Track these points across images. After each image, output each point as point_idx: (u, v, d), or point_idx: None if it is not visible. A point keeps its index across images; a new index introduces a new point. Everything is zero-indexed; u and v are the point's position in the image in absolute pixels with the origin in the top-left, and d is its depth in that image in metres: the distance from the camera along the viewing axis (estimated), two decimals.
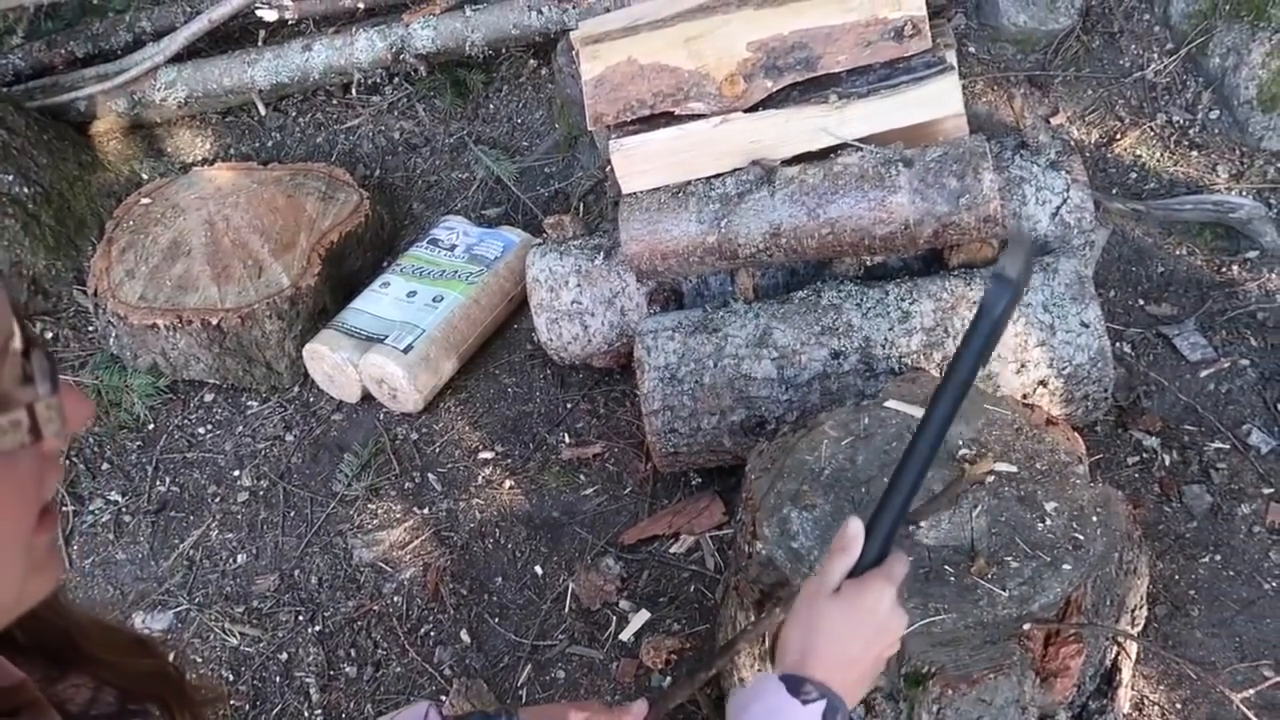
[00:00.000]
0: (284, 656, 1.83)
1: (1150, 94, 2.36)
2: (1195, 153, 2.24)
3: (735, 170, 1.81)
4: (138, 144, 2.99)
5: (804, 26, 1.76)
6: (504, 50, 2.85)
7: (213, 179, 2.65)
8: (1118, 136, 2.31)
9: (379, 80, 2.95)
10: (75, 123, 2.93)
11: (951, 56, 1.77)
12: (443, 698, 1.71)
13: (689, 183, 1.83)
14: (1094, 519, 1.32)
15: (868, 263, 1.87)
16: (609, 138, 1.86)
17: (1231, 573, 1.63)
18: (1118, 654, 1.38)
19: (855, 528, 0.88)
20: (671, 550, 1.85)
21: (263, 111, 2.98)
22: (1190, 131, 2.27)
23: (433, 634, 1.82)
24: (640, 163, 1.84)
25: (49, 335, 2.50)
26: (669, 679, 1.65)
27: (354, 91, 2.95)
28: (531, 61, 2.91)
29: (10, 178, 2.54)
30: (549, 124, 2.78)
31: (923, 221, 1.69)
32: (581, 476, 2.01)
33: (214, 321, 2.25)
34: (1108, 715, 1.38)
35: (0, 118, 2.58)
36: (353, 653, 1.81)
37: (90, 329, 2.52)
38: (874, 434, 1.48)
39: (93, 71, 2.93)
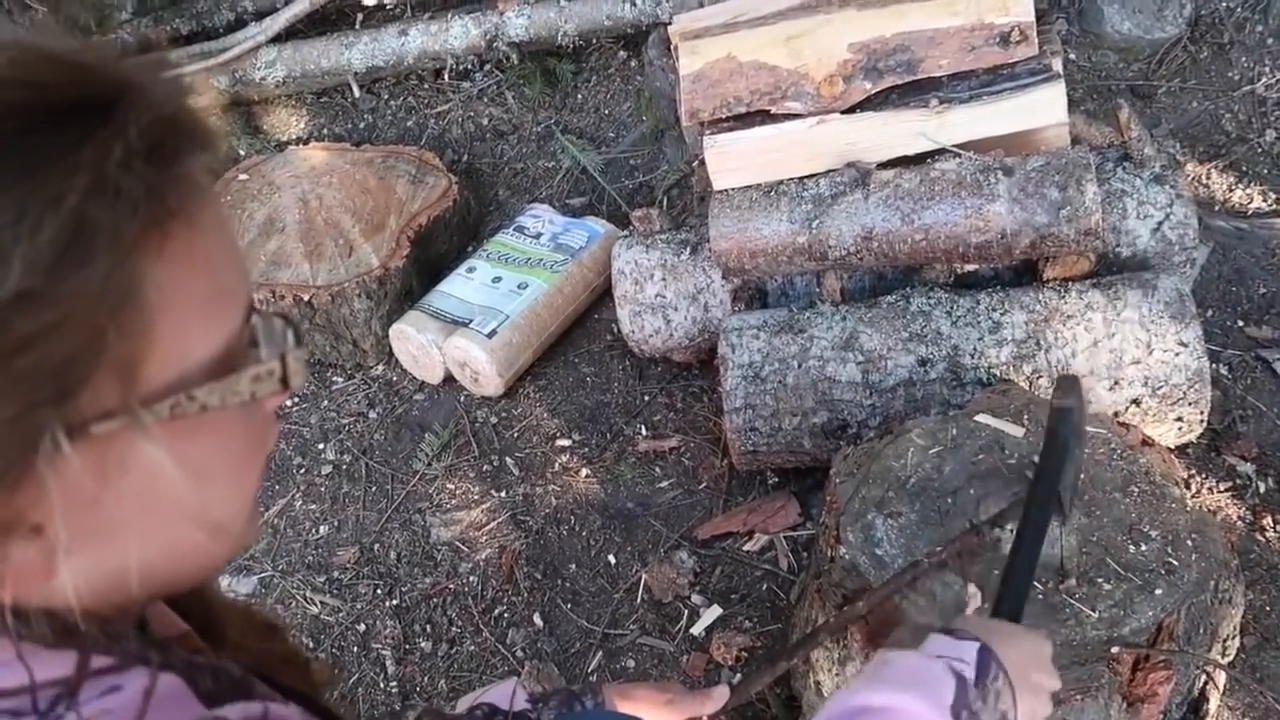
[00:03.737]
0: (362, 628, 1.88)
1: (1259, 109, 2.28)
2: None
3: (830, 171, 1.80)
4: (236, 120, 3.08)
5: (907, 29, 1.74)
6: (594, 41, 2.87)
7: (307, 158, 2.72)
8: (1223, 152, 2.24)
9: (470, 67, 2.99)
10: None
11: (1058, 64, 1.74)
12: (514, 679, 1.74)
13: (781, 182, 1.83)
14: (1189, 543, 1.29)
15: (958, 270, 1.85)
16: (703, 134, 1.87)
17: None
18: (1206, 683, 1.35)
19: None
20: (745, 548, 1.85)
21: (357, 94, 3.04)
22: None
23: (506, 615, 1.85)
24: (733, 160, 1.84)
25: None
26: (738, 676, 1.66)
27: (445, 77, 3.00)
28: (621, 53, 2.92)
29: None
30: (636, 116, 2.80)
31: (1020, 232, 1.67)
32: (657, 469, 2.03)
33: (305, 298, 2.31)
34: None
35: None
36: (428, 628, 1.86)
37: None
38: (962, 445, 1.47)
39: (196, 49, 3.03)
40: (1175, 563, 1.27)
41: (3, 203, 0.42)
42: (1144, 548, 1.29)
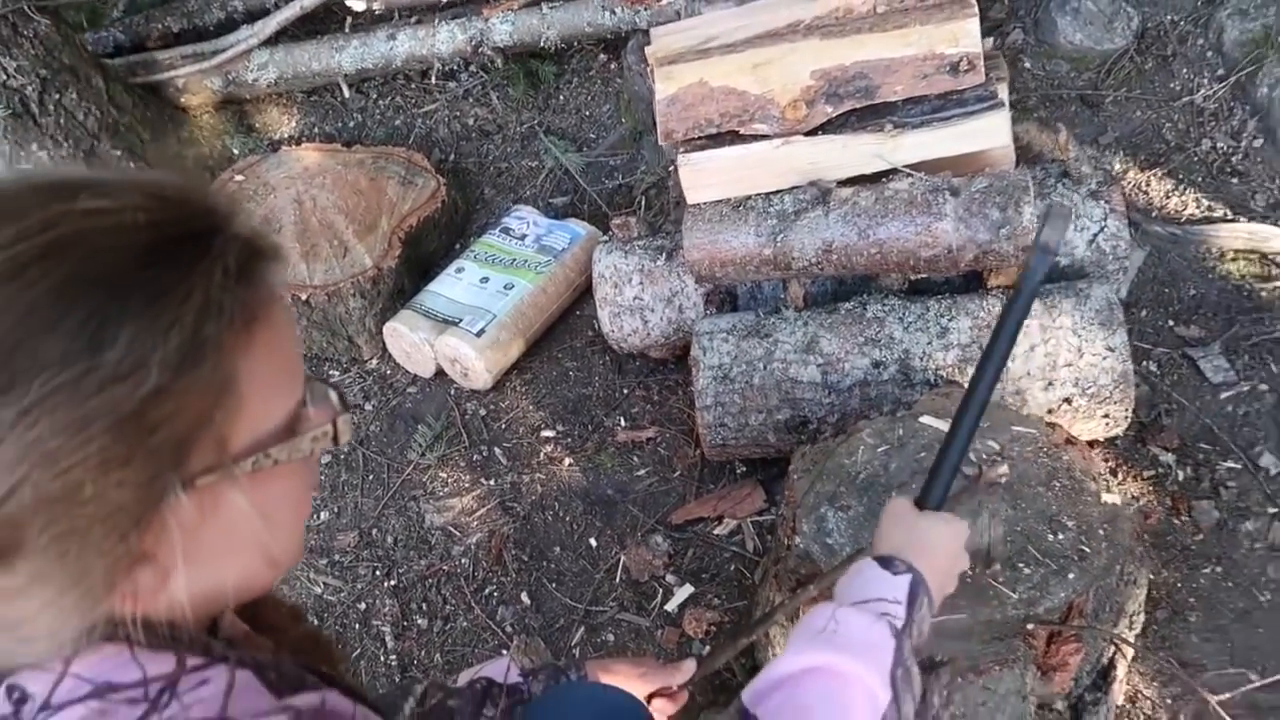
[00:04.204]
0: (362, 606, 2.04)
1: (1197, 119, 2.45)
2: (1235, 180, 2.34)
3: (793, 189, 1.95)
4: (229, 119, 3.19)
5: (865, 58, 1.88)
6: (576, 44, 2.99)
7: (300, 159, 2.84)
8: (1162, 160, 2.41)
9: (455, 67, 3.11)
10: (170, 99, 3.13)
11: (1003, 91, 1.89)
12: (504, 652, 1.91)
13: (749, 198, 1.98)
14: (1101, 533, 1.47)
15: (911, 278, 2.01)
16: (678, 152, 2.01)
17: (1230, 584, 1.77)
18: (1114, 654, 1.54)
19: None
20: (715, 532, 2.02)
21: (346, 94, 3.16)
22: (1233, 159, 2.36)
23: (496, 594, 2.02)
24: (705, 177, 1.99)
25: None
26: (708, 648, 1.84)
27: (432, 78, 3.12)
28: (602, 56, 3.05)
29: (119, 153, 2.75)
30: (616, 118, 2.93)
31: (964, 247, 1.83)
32: (635, 458, 2.19)
33: (303, 297, 2.45)
34: (1101, 707, 1.54)
35: (111, 96, 2.78)
36: (424, 606, 2.02)
37: None
38: (907, 443, 1.64)
39: (189, 50, 3.13)
40: (1087, 550, 1.45)
41: (139, 325, 0.57)
42: (1060, 536, 1.47)
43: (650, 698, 1.21)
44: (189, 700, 0.61)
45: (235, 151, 3.09)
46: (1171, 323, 2.18)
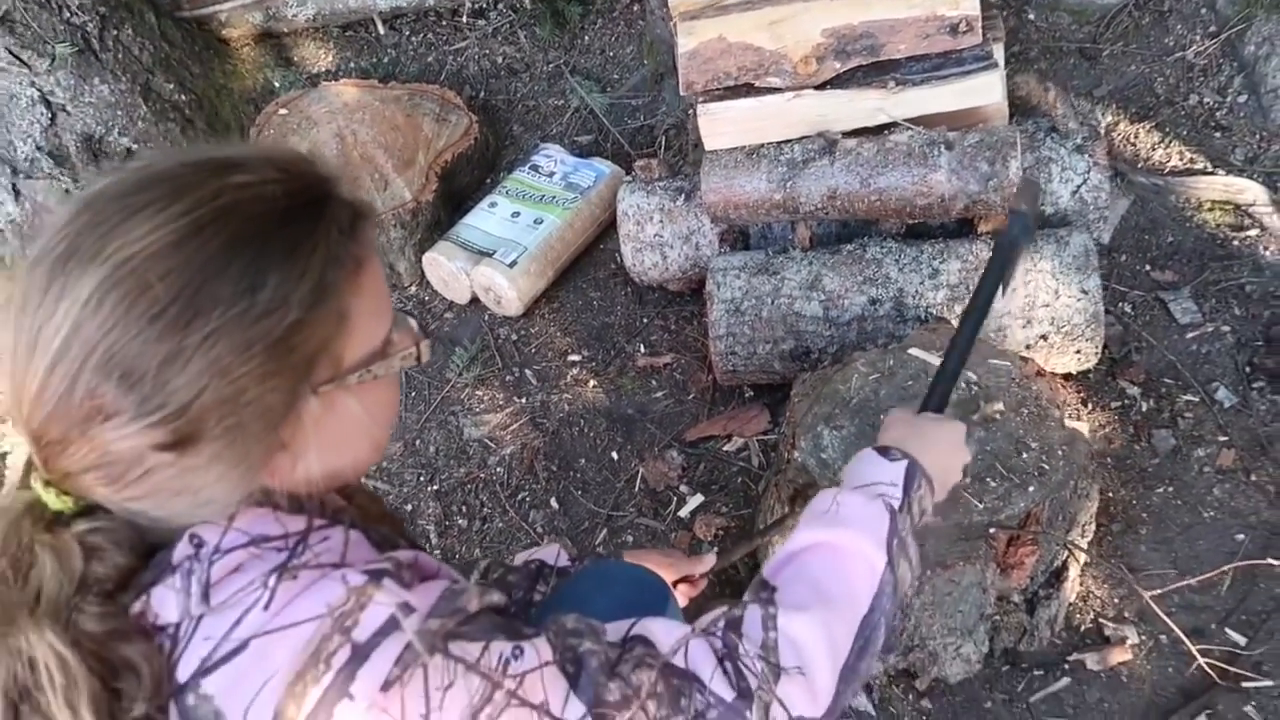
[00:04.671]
0: (409, 507, 2.30)
1: (1187, 74, 2.59)
2: (1219, 134, 2.50)
3: (803, 139, 2.13)
4: (268, 52, 3.34)
5: (872, 18, 2.04)
6: None
7: (340, 94, 3.01)
8: (1151, 113, 2.57)
9: (485, 5, 3.25)
10: (213, 31, 3.29)
11: (998, 51, 2.05)
12: (558, 543, 2.17)
13: (762, 146, 2.16)
14: (1060, 453, 1.70)
15: (908, 223, 2.20)
16: (698, 101, 2.19)
17: (1179, 502, 2.00)
18: (1067, 557, 1.78)
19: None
20: (724, 448, 2.26)
21: (381, 30, 3.31)
22: (1218, 114, 2.52)
23: (527, 500, 2.27)
24: (722, 126, 2.17)
25: None
26: (716, 549, 2.09)
27: (463, 16, 3.26)
28: None
29: (171, 86, 2.93)
30: (638, 60, 3.08)
31: (956, 197, 2.02)
32: (653, 382, 2.42)
33: None
34: (1053, 602, 1.79)
35: (163, 32, 2.95)
36: (464, 509, 2.28)
37: None
38: (896, 373, 1.85)
39: None
40: (1047, 468, 1.68)
41: (282, 273, 0.78)
42: (1024, 456, 1.69)
43: (676, 584, 1.45)
44: (318, 549, 0.82)
45: (276, 85, 3.26)
46: (1148, 267, 2.37)
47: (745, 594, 1.01)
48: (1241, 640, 1.80)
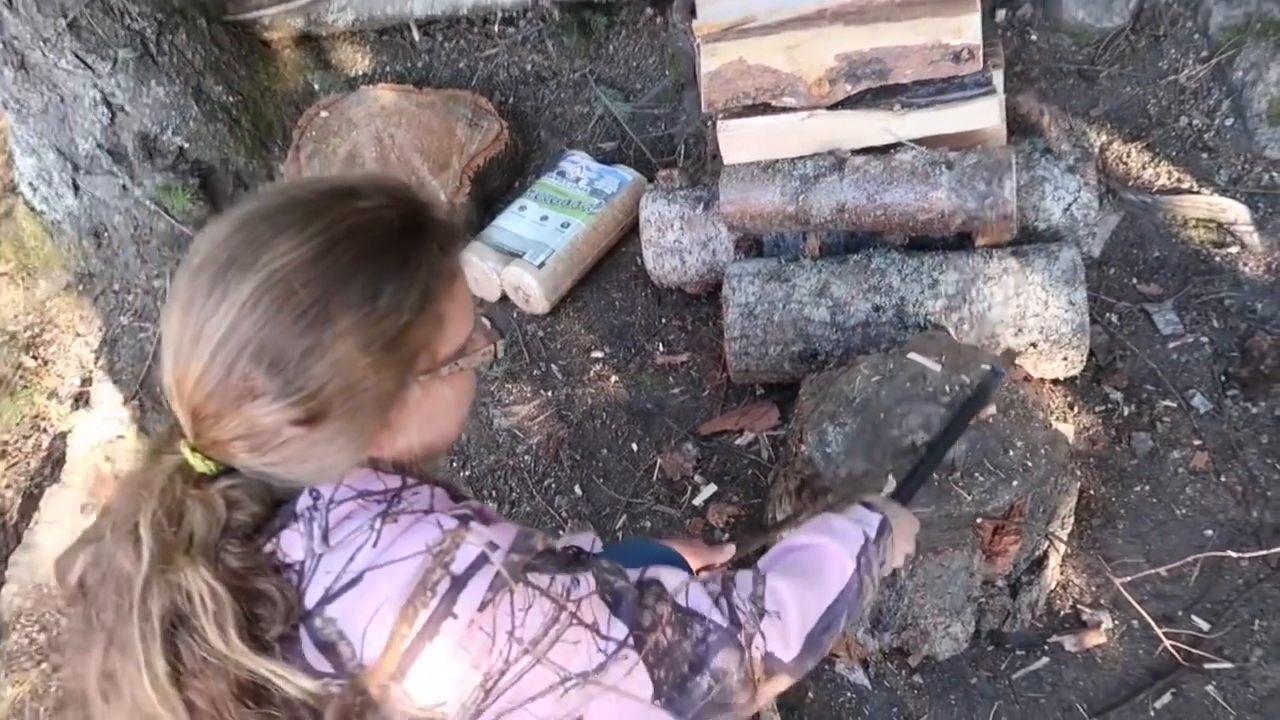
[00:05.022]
0: None
1: (1179, 97, 2.75)
2: (1205, 155, 2.66)
3: (815, 155, 2.30)
4: (308, 56, 3.51)
5: (881, 45, 2.21)
6: None
7: (378, 98, 3.18)
8: (1144, 134, 2.73)
9: (515, 14, 3.42)
10: (255, 34, 3.46)
11: (998, 78, 2.22)
12: (560, 532, 2.35)
13: (777, 161, 2.33)
14: (1043, 452, 1.87)
15: (911, 236, 2.37)
16: (718, 117, 2.36)
17: (1154, 500, 2.17)
18: (1048, 546, 1.95)
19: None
20: (736, 442, 2.43)
21: (415, 36, 3.48)
22: (1205, 135, 2.68)
23: (553, 486, 2.45)
24: (740, 142, 2.33)
25: None
26: (727, 535, 2.27)
27: (495, 24, 3.43)
28: (649, 9, 3.34)
29: (220, 88, 3.10)
30: (660, 70, 3.25)
31: (955, 214, 2.19)
32: (670, 379, 2.60)
33: None
34: (1034, 587, 1.96)
35: (213, 36, 3.12)
36: (494, 494, 2.46)
37: None
38: (896, 375, 2.02)
39: None
40: (1030, 465, 1.85)
41: (397, 281, 0.95)
42: (1010, 454, 1.86)
43: (698, 571, 1.63)
44: (410, 500, 1.00)
45: (315, 87, 3.43)
46: (1135, 280, 2.53)
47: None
48: (1206, 626, 1.97)
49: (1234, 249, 2.52)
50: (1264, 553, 2.00)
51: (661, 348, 2.66)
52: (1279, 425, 2.22)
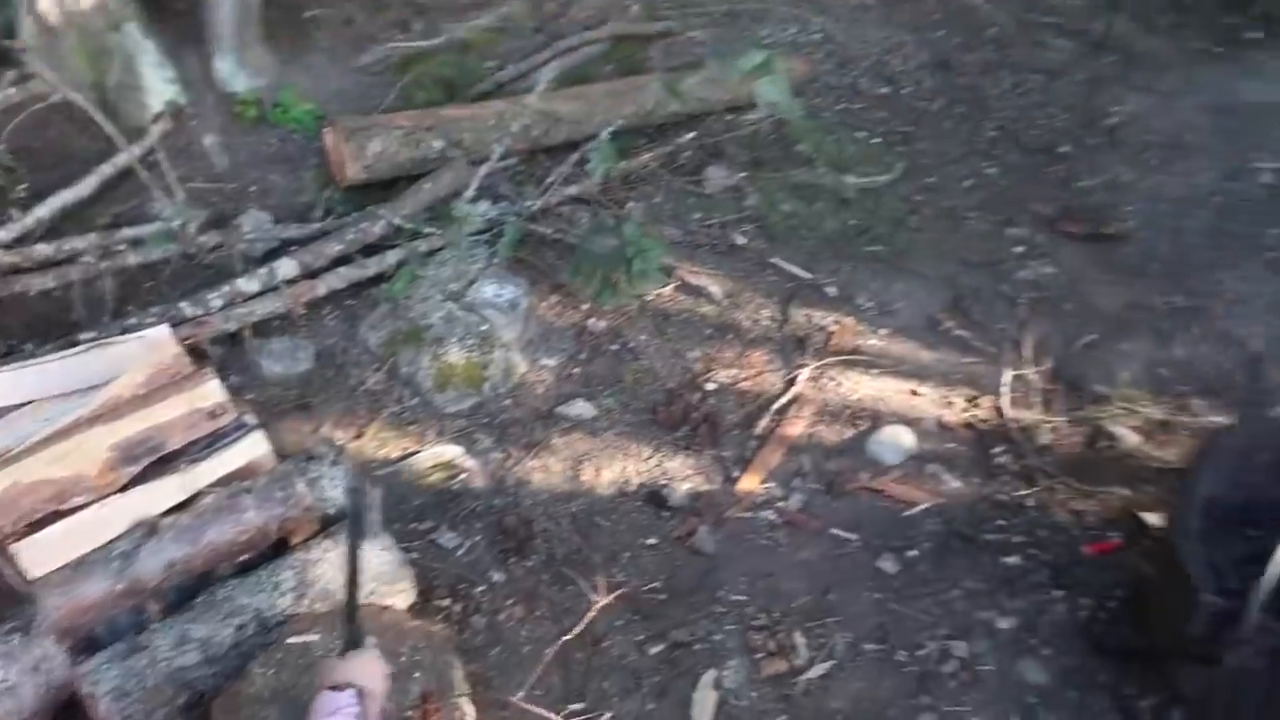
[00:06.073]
0: None
1: (374, 398, 3.67)
2: (414, 425, 3.60)
3: (125, 533, 2.54)
4: None
5: (147, 425, 2.60)
6: None
7: None
8: (368, 426, 3.56)
9: None
10: None
11: (251, 418, 2.79)
12: None
13: (90, 552, 2.50)
14: (421, 648, 2.38)
15: (240, 561, 2.73)
16: (8, 543, 2.43)
17: (497, 646, 2.84)
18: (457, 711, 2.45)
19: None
20: None
21: None
22: (404, 414, 3.63)
23: None
24: (43, 553, 2.45)
25: None
26: None
27: None
28: None
29: None
30: None
31: (268, 523, 2.65)
32: None
33: None
34: None
35: None
36: None
37: None
38: (287, 661, 2.34)
39: None
40: (419, 659, 2.34)
41: None
42: (403, 658, 2.33)
43: None
44: None
45: None
46: (415, 524, 3.27)
47: None
48: None
49: (463, 475, 3.44)
50: None
51: None
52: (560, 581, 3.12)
